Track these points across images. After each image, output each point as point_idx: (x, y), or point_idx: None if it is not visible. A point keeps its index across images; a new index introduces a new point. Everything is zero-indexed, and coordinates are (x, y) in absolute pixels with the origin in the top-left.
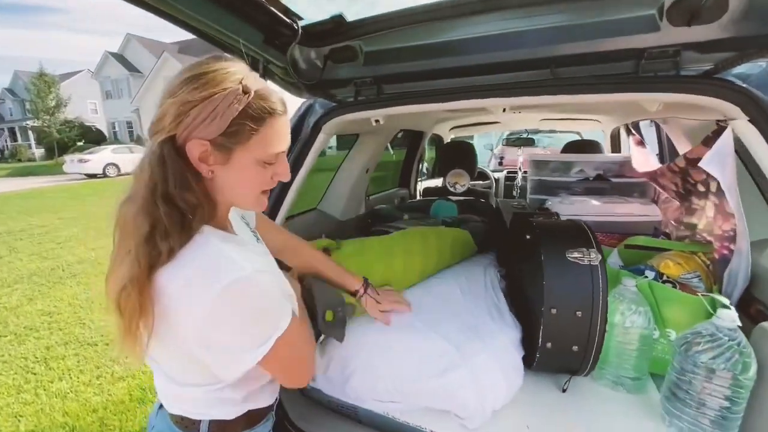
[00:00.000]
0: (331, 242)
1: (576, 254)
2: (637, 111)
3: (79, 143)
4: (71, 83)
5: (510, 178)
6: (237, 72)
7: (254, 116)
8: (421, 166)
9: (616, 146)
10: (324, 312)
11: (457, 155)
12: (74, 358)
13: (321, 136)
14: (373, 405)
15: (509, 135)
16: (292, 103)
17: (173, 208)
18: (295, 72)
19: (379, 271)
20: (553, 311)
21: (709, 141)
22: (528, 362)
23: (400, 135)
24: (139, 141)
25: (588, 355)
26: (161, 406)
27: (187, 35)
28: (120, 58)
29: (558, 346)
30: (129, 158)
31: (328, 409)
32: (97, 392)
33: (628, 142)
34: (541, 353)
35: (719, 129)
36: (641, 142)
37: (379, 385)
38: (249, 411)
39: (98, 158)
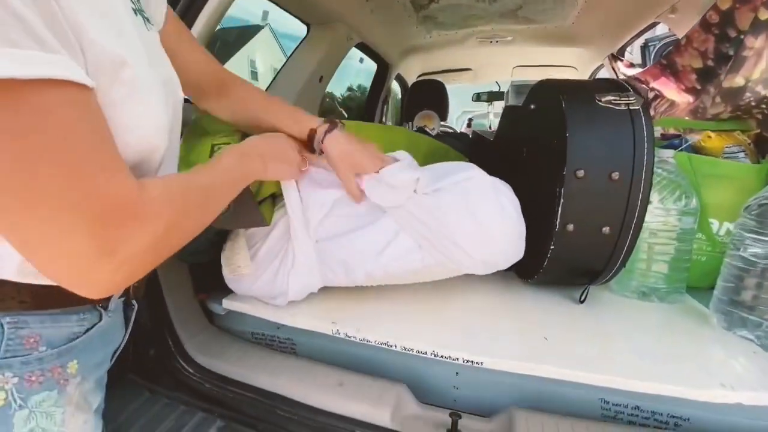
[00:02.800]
0: None
1: (610, 97)
2: (635, 16)
3: None
4: None
5: None
6: None
7: None
8: (385, 110)
9: None
10: None
11: (427, 95)
12: None
13: None
14: (315, 324)
15: (478, 93)
16: None
17: None
18: None
19: None
20: (580, 174)
21: None
22: (533, 267)
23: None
24: None
25: (623, 240)
26: None
27: None
28: None
29: (583, 228)
30: None
31: (252, 343)
32: None
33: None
34: (558, 243)
35: None
36: (632, 64)
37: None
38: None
39: None
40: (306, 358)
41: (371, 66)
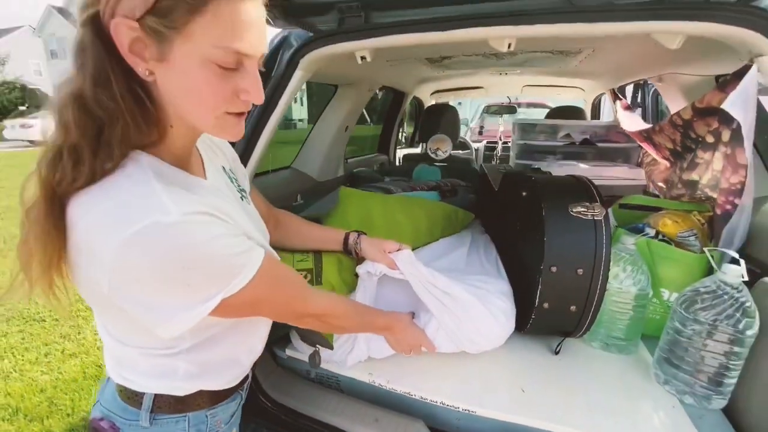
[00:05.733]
0: None
1: (579, 208)
2: (630, 71)
3: (22, 107)
4: (9, 40)
5: (490, 148)
6: None
7: None
8: (401, 132)
9: (596, 115)
10: None
11: (440, 120)
12: (18, 335)
13: (298, 73)
14: (357, 374)
15: (489, 105)
16: None
17: (86, 114)
18: None
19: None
20: (553, 269)
21: (726, 86)
22: (521, 324)
23: (379, 96)
24: None
25: (586, 315)
26: None
27: None
28: (66, 13)
29: (555, 307)
30: None
31: (307, 380)
32: (45, 371)
33: (608, 109)
34: (537, 314)
35: (742, 69)
36: (629, 107)
37: None
38: (203, 391)
39: (45, 123)
40: (349, 395)
41: None
